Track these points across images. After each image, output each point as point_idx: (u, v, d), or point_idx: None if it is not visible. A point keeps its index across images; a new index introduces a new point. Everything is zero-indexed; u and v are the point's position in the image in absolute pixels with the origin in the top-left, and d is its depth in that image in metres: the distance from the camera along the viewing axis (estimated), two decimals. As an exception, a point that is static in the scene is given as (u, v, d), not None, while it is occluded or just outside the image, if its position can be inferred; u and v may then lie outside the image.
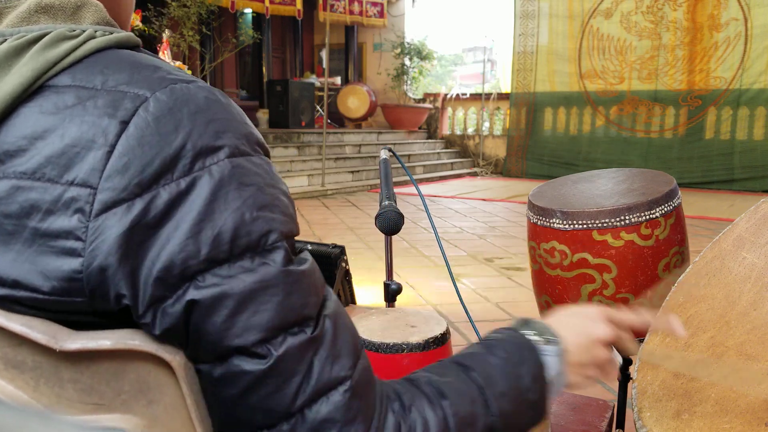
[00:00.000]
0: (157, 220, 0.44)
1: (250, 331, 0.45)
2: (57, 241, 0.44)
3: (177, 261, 0.44)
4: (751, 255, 0.96)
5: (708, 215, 6.60)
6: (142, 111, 0.45)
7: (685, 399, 0.82)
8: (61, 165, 0.44)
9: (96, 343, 0.43)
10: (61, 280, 0.44)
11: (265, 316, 0.45)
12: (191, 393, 0.45)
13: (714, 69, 9.17)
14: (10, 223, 0.44)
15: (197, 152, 0.45)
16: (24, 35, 0.48)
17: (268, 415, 0.47)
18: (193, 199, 0.45)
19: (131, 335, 0.43)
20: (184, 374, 0.44)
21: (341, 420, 0.48)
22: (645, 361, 0.77)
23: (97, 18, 0.52)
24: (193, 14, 7.99)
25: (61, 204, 0.44)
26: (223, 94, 0.50)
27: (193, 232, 0.44)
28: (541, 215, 1.37)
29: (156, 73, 0.48)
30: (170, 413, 0.45)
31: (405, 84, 12.05)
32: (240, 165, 0.47)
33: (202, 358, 0.46)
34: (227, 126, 0.47)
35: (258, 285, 0.45)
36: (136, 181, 0.44)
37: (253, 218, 0.46)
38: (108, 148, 0.44)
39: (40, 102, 0.46)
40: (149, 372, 0.44)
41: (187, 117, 0.46)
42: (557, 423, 1.34)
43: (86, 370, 0.44)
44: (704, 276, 1.00)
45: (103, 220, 0.43)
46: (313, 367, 0.47)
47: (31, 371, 0.44)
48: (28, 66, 0.46)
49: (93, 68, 0.48)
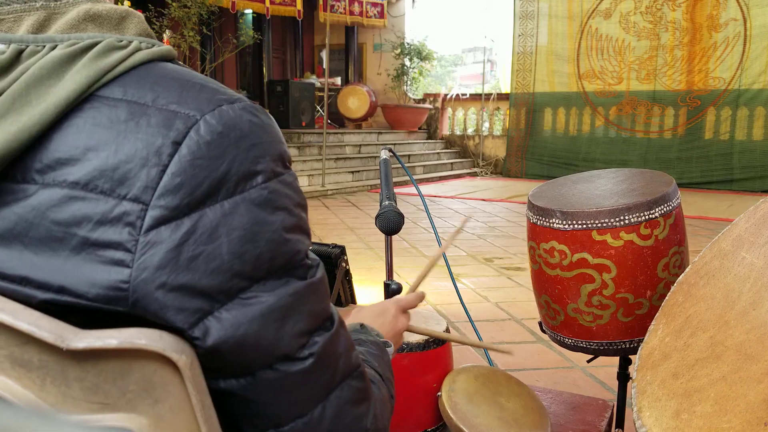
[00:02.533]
0: (205, 238, 0.47)
1: (294, 339, 0.51)
2: (106, 251, 0.45)
3: (224, 278, 0.47)
4: (750, 255, 0.96)
5: (707, 215, 6.61)
6: (193, 133, 0.48)
7: (685, 399, 0.82)
8: (114, 179, 0.46)
9: (103, 342, 0.43)
10: (107, 289, 0.45)
11: (302, 324, 0.51)
12: (197, 392, 0.45)
13: (713, 69, 9.17)
14: (59, 230, 0.45)
15: (240, 177, 0.49)
16: (76, 42, 0.49)
17: (303, 405, 0.53)
18: (237, 221, 0.48)
19: (138, 334, 0.44)
20: (190, 374, 0.44)
21: (357, 400, 0.56)
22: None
23: (139, 29, 0.55)
24: (193, 15, 8.00)
25: (112, 216, 0.45)
26: (263, 111, 0.53)
27: (238, 251, 0.48)
28: (541, 215, 1.38)
29: (203, 93, 0.50)
30: (175, 413, 0.46)
31: (405, 84, 12.05)
32: (275, 189, 0.51)
33: (245, 370, 0.50)
34: (266, 150, 0.51)
35: (293, 298, 0.51)
36: (187, 201, 0.47)
37: (286, 240, 0.51)
38: (161, 167, 0.46)
39: (92, 113, 0.47)
40: (155, 371, 0.45)
41: (234, 143, 0.49)
42: (557, 422, 1.35)
43: (92, 368, 0.44)
44: (703, 276, 1.00)
45: (153, 235, 0.46)
46: (340, 358, 0.55)
47: (37, 370, 0.44)
48: (82, 73, 0.47)
49: (143, 83, 0.49)
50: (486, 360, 1.74)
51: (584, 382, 2.46)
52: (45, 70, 0.47)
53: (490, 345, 1.00)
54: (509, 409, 1.17)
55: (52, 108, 0.46)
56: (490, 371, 1.24)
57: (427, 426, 1.19)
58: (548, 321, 1.47)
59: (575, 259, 1.32)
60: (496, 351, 1.07)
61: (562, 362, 2.66)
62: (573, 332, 1.40)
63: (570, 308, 1.37)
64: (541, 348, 2.83)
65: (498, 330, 3.08)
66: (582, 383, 2.46)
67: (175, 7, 7.90)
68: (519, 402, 1.19)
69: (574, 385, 2.43)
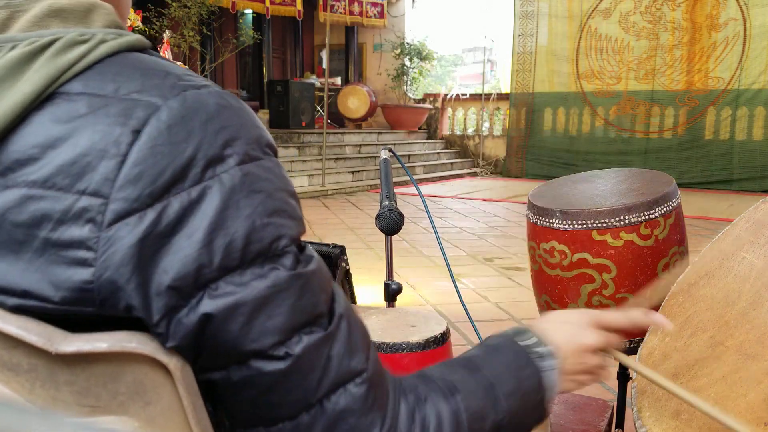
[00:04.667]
0: (170, 229, 0.44)
1: (266, 335, 0.46)
2: (68, 251, 0.43)
3: (190, 270, 0.44)
4: (750, 255, 0.96)
5: (707, 215, 6.60)
6: (154, 120, 0.45)
7: (685, 399, 0.82)
8: (72, 174, 0.44)
9: (92, 345, 0.42)
10: (71, 290, 0.44)
11: (279, 319, 0.47)
12: (188, 395, 0.45)
13: (712, 69, 9.16)
14: (20, 233, 0.44)
15: (208, 161, 0.45)
16: (35, 41, 0.47)
17: (289, 407, 0.48)
18: (205, 208, 0.45)
19: (128, 337, 0.43)
20: (181, 376, 0.44)
21: (359, 410, 0.50)
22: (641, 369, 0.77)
23: (107, 21, 0.52)
24: (193, 15, 8.00)
25: (72, 214, 0.43)
26: (234, 97, 0.50)
27: (206, 240, 0.45)
28: (541, 215, 1.37)
29: (167, 79, 0.48)
30: (167, 415, 0.45)
31: (405, 84, 12.05)
32: (250, 172, 0.47)
33: (219, 364, 0.47)
34: (238, 132, 0.47)
35: (270, 290, 0.46)
36: (149, 191, 0.44)
37: (264, 224, 0.47)
38: (120, 157, 0.44)
39: (51, 110, 0.46)
40: (146, 374, 0.44)
41: (199, 126, 0.46)
42: (557, 422, 1.34)
43: (82, 372, 0.44)
44: (703, 276, 1.00)
45: (115, 230, 0.43)
46: (331, 361, 0.49)
47: (26, 373, 0.44)
48: (39, 73, 0.46)
49: (104, 75, 0.47)
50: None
51: (584, 383, 2.46)
52: (3, 71, 0.45)
53: None
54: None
55: (9, 111, 0.44)
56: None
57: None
58: (548, 321, 1.47)
59: (575, 259, 1.32)
60: None
61: (562, 362, 2.65)
62: (573, 332, 1.39)
63: (570, 308, 1.36)
64: (541, 348, 2.82)
65: (498, 330, 3.07)
66: (582, 383, 2.45)
67: (175, 7, 7.90)
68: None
69: (574, 386, 2.42)
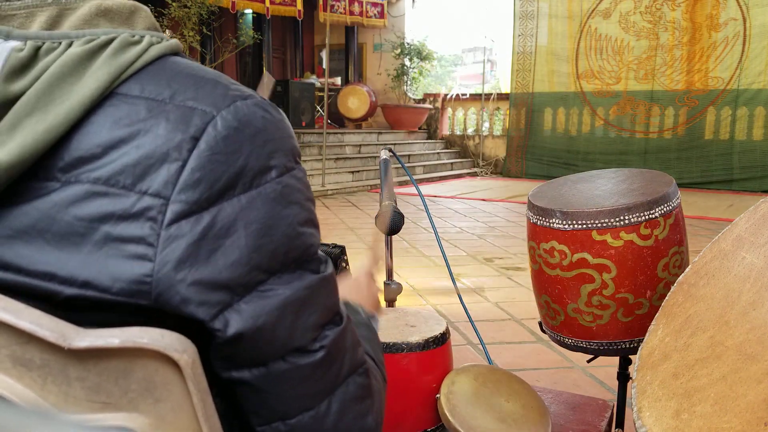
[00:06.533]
0: (223, 232, 0.48)
1: (308, 331, 0.52)
2: (128, 245, 0.46)
3: (243, 270, 0.48)
4: (750, 255, 0.96)
5: (707, 215, 6.61)
6: (211, 129, 0.49)
7: (685, 399, 0.82)
8: (135, 175, 0.47)
9: (104, 341, 0.43)
10: (130, 283, 0.46)
11: (314, 317, 0.52)
12: (198, 392, 0.45)
13: (712, 69, 9.16)
14: (81, 226, 0.46)
15: (255, 172, 0.50)
16: (92, 39, 0.50)
17: (311, 399, 0.54)
18: (253, 215, 0.49)
19: (140, 333, 0.44)
20: (191, 373, 0.45)
21: (361, 396, 0.57)
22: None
23: (148, 23, 0.56)
24: (193, 15, 7.99)
25: (134, 211, 0.46)
26: (275, 108, 0.55)
27: (255, 244, 0.49)
28: (541, 215, 1.38)
29: (217, 88, 0.52)
30: (177, 412, 0.46)
31: (405, 84, 12.05)
32: (288, 184, 0.52)
33: (259, 361, 0.51)
34: (279, 145, 0.52)
35: (308, 291, 0.52)
36: (206, 196, 0.48)
37: (300, 233, 0.52)
38: (181, 162, 0.47)
39: (112, 111, 0.48)
40: (156, 370, 0.45)
41: (249, 138, 0.50)
42: (557, 422, 1.35)
43: (94, 368, 0.44)
44: (703, 276, 1.00)
45: (174, 229, 0.47)
46: (346, 353, 0.56)
47: (38, 369, 0.44)
48: (103, 71, 0.48)
49: (159, 79, 0.50)
50: (486, 360, 1.74)
51: (584, 382, 2.46)
52: (66, 67, 0.48)
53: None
54: (509, 408, 1.17)
55: (77, 106, 0.47)
56: (490, 370, 1.24)
57: (427, 426, 1.19)
58: (548, 321, 1.47)
59: (575, 259, 1.32)
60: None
61: (562, 362, 2.66)
62: (573, 332, 1.40)
63: (570, 308, 1.37)
64: (541, 348, 2.83)
65: (498, 330, 3.08)
66: (582, 383, 2.46)
67: (175, 7, 7.89)
68: (519, 401, 1.19)
69: (574, 385, 2.43)
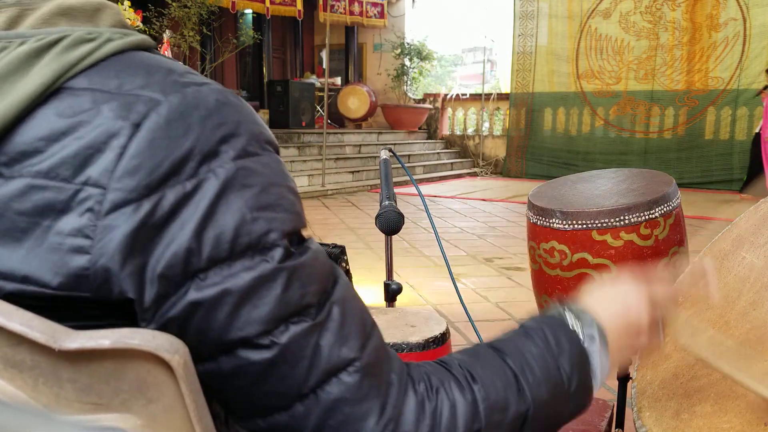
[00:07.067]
0: (163, 220, 0.46)
1: (251, 324, 0.47)
2: (67, 238, 0.45)
3: (181, 259, 0.46)
4: (750, 255, 0.96)
5: (707, 215, 6.61)
6: (154, 114, 0.47)
7: (685, 399, 0.82)
8: (75, 165, 0.45)
9: (95, 342, 0.43)
10: (69, 276, 0.45)
11: (264, 309, 0.48)
12: (190, 392, 0.45)
13: (712, 69, 9.16)
14: (23, 221, 0.46)
15: (204, 155, 0.47)
16: (43, 37, 0.49)
17: (281, 398, 0.50)
18: (198, 201, 0.46)
19: (131, 334, 0.43)
20: (184, 373, 0.44)
21: (352, 399, 0.50)
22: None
23: (114, 21, 0.54)
24: (193, 15, 7.99)
25: (73, 203, 0.45)
26: (234, 94, 0.51)
27: (197, 232, 0.46)
28: (541, 215, 1.37)
29: (169, 76, 0.49)
30: (169, 413, 0.45)
31: (405, 84, 12.06)
32: (245, 167, 0.48)
33: (207, 354, 0.48)
34: (236, 129, 0.49)
35: (256, 281, 0.47)
36: (145, 183, 0.45)
37: (254, 218, 0.48)
38: (120, 150, 0.46)
39: (56, 104, 0.47)
40: (148, 371, 0.44)
41: (197, 121, 0.47)
42: (557, 423, 1.34)
43: (85, 369, 0.44)
44: (703, 276, 1.00)
45: (111, 219, 0.45)
46: (321, 350, 0.49)
47: (29, 370, 0.44)
48: (47, 68, 0.47)
49: (108, 72, 0.49)
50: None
51: (584, 383, 2.46)
52: (11, 65, 0.47)
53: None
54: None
55: (15, 104, 0.46)
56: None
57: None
58: (548, 321, 1.47)
59: (575, 259, 1.32)
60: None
61: (562, 362, 2.65)
62: (573, 332, 1.40)
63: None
64: (541, 348, 2.83)
65: (498, 330, 3.07)
66: (582, 383, 2.45)
67: (175, 7, 7.90)
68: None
69: (574, 386, 2.42)
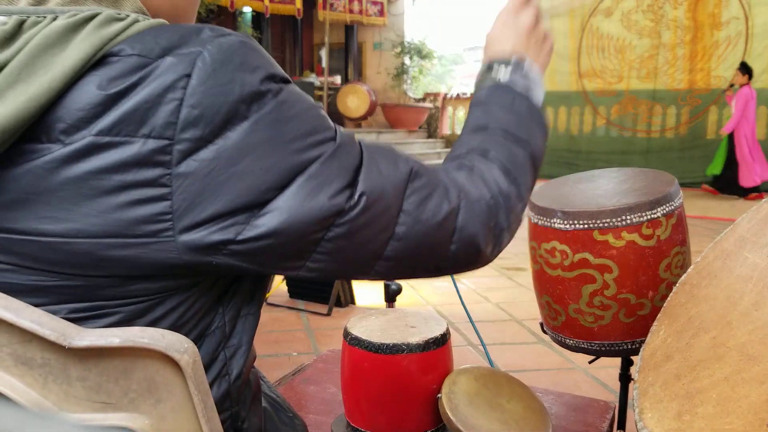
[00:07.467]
0: (233, 161, 0.50)
1: (334, 199, 0.55)
2: (142, 189, 0.48)
3: (258, 192, 0.51)
4: (752, 255, 0.96)
5: (710, 215, 6.60)
6: (200, 63, 0.50)
7: (687, 400, 0.82)
8: (135, 121, 0.48)
9: (105, 340, 0.43)
10: (151, 223, 0.49)
11: (337, 184, 0.55)
12: (199, 392, 0.45)
13: (714, 68, 9.15)
14: (95, 179, 0.48)
15: (252, 98, 0.52)
16: (76, 13, 0.51)
17: (385, 231, 0.58)
18: (258, 136, 0.51)
19: (140, 333, 0.43)
20: (192, 373, 0.44)
21: (426, 196, 0.61)
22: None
23: (135, 7, 0.57)
24: (193, 13, 7.99)
25: (141, 156, 0.48)
26: (253, 39, 0.56)
27: (266, 166, 0.51)
28: (542, 215, 1.37)
29: (201, 32, 0.53)
30: (177, 412, 0.46)
31: (405, 83, 12.05)
32: (284, 101, 0.54)
33: (308, 246, 0.54)
34: (267, 70, 0.54)
35: (320, 175, 0.54)
36: (209, 130, 0.50)
37: (307, 146, 0.54)
38: (178, 101, 0.49)
39: (103, 71, 0.49)
40: (157, 370, 0.44)
41: (237, 68, 0.52)
42: (558, 424, 1.35)
43: (94, 367, 0.44)
44: (706, 276, 1.00)
45: (184, 167, 0.49)
46: (388, 180, 0.59)
47: (39, 368, 0.44)
48: (87, 41, 0.49)
49: (146, 37, 0.52)
50: (486, 361, 1.74)
51: (586, 384, 2.46)
52: (50, 39, 0.49)
53: None
54: (510, 410, 1.16)
55: (60, 76, 0.48)
56: (491, 372, 1.24)
57: (428, 427, 1.19)
58: (549, 321, 1.47)
59: (576, 259, 1.32)
60: None
61: (564, 363, 2.65)
62: (574, 333, 1.40)
63: (571, 309, 1.37)
64: (542, 349, 2.83)
65: (499, 331, 3.07)
66: (583, 384, 2.45)
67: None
68: (520, 403, 1.19)
69: (575, 386, 2.43)
